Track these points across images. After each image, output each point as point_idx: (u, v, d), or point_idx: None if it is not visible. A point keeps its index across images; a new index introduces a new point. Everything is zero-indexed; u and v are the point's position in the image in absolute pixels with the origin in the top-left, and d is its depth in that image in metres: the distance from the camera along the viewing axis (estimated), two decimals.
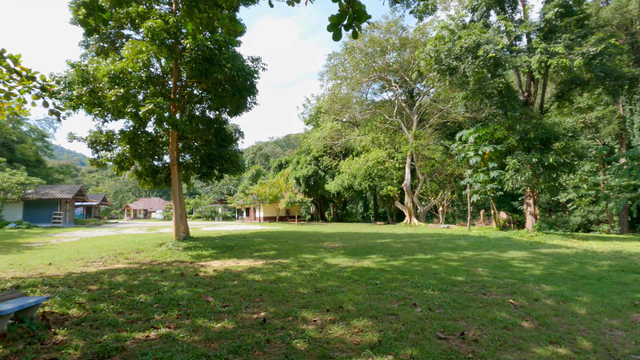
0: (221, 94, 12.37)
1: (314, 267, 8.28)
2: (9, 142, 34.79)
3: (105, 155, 13.24)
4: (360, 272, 7.52)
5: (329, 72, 36.76)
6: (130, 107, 10.12)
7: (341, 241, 14.75)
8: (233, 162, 16.49)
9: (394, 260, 9.32)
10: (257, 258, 10.12)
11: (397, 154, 33.81)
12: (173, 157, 13.23)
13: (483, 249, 11.67)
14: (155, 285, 6.32)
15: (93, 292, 5.89)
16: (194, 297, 5.41)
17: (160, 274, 7.59)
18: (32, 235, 19.99)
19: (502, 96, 17.93)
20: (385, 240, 14.70)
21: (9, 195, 27.40)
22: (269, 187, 39.21)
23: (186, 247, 12.14)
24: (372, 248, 12.09)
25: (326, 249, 11.94)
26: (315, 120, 50.26)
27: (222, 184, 75.95)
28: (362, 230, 23.58)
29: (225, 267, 8.49)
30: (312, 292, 5.76)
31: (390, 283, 6.42)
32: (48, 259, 10.23)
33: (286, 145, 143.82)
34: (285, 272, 7.59)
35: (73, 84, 10.74)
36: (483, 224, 23.40)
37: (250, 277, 7.09)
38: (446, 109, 31.81)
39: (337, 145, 38.93)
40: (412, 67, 35.67)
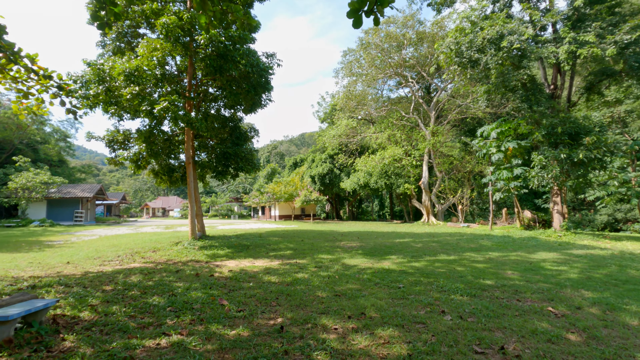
0: (236, 91, 12.19)
1: (332, 268, 7.96)
2: (33, 142, 35.91)
3: (122, 154, 13.27)
4: (380, 274, 7.16)
5: (344, 68, 36.28)
6: (145, 105, 10.04)
7: (358, 240, 14.38)
8: (248, 161, 16.34)
9: (415, 261, 8.90)
10: (273, 258, 9.89)
11: (414, 151, 33.09)
12: (188, 156, 13.15)
13: (509, 250, 11.08)
14: (170, 287, 6.14)
15: (107, 293, 5.75)
16: (208, 300, 5.18)
17: (175, 274, 7.43)
18: (54, 234, 20.44)
19: (526, 89, 17.10)
20: (404, 240, 14.24)
21: (33, 194, 28.23)
22: (284, 185, 39.13)
23: (202, 246, 12.03)
24: (391, 248, 11.68)
25: (343, 249, 11.61)
26: (331, 118, 49.88)
27: (237, 182, 76.59)
28: (379, 229, 23.12)
29: (240, 268, 8.28)
30: (331, 296, 5.44)
31: (414, 287, 6.03)
32: (67, 258, 10.28)
33: (301, 144, 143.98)
34: (302, 274, 7.30)
35: (89, 83, 10.75)
36: (505, 223, 22.54)
37: (266, 279, 6.84)
38: (465, 105, 30.89)
39: (353, 143, 38.45)
40: (429, 62, 34.83)
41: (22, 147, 34.96)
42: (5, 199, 27.68)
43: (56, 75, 7.68)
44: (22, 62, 7.19)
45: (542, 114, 16.29)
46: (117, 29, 13.32)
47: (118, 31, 13.33)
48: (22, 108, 8.24)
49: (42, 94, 7.85)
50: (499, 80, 15.71)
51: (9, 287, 6.31)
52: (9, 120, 32.15)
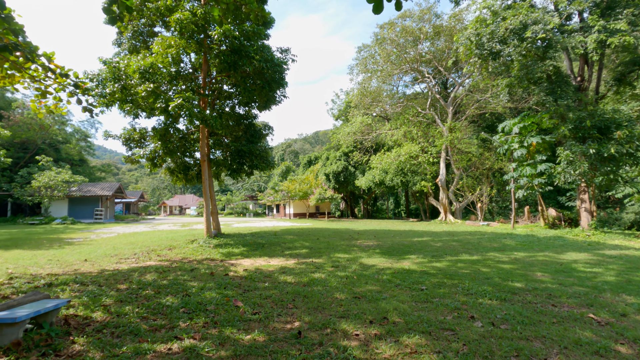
0: (250, 88, 12.03)
1: (350, 268, 7.69)
2: (55, 142, 36.97)
3: (138, 152, 13.33)
4: (401, 274, 6.84)
5: (359, 65, 35.81)
6: (160, 103, 9.98)
7: (375, 239, 14.04)
8: (263, 158, 16.21)
9: (436, 261, 8.52)
10: (288, 257, 9.68)
11: (430, 148, 32.37)
12: (203, 153, 13.10)
13: (535, 250, 10.54)
14: (184, 286, 6.00)
15: (121, 292, 5.65)
16: (223, 301, 4.99)
17: (190, 273, 7.31)
18: (74, 231, 20.89)
19: (551, 82, 16.31)
20: (423, 239, 13.82)
21: (55, 192, 28.99)
22: (298, 183, 39.02)
23: (217, 245, 11.95)
24: (409, 247, 11.31)
25: (360, 248, 11.31)
26: (345, 115, 49.45)
27: (252, 180, 77.09)
28: (396, 227, 22.67)
29: (255, 267, 8.10)
30: (350, 298, 5.17)
31: (438, 289, 5.69)
32: (85, 255, 10.36)
33: (315, 142, 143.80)
34: (319, 274, 7.05)
35: (106, 82, 10.78)
36: (528, 222, 21.72)
37: (282, 279, 6.62)
38: (484, 100, 29.95)
39: (368, 140, 37.95)
40: (446, 57, 33.98)
41: (44, 147, 36.03)
42: (29, 197, 28.53)
43: (72, 73, 7.65)
44: (39, 60, 7.18)
45: (568, 107, 15.50)
46: (133, 27, 13.36)
47: (134, 29, 13.36)
48: (40, 107, 8.27)
49: (60, 92, 7.85)
50: (522, 72, 15.01)
51: (26, 284, 6.31)
52: (32, 121, 33.13)
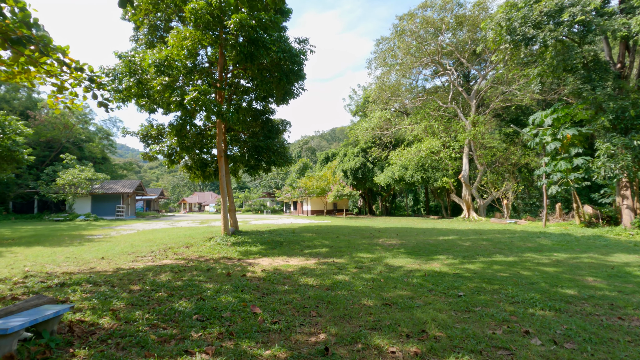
0: (267, 80, 11.59)
1: (375, 269, 7.13)
2: (78, 141, 37.91)
3: (154, 147, 13.16)
4: (432, 278, 6.24)
5: (378, 58, 34.89)
6: (175, 97, 9.68)
7: (398, 238, 13.40)
8: (280, 154, 15.81)
9: (468, 262, 7.86)
10: (308, 256, 9.21)
11: (453, 143, 31.21)
12: (220, 149, 12.79)
13: (577, 251, 9.67)
14: (199, 288, 5.61)
15: (133, 294, 5.31)
16: (240, 307, 4.55)
17: (206, 273, 6.94)
18: (96, 228, 21.16)
19: (588, 69, 15.12)
20: (449, 238, 13.08)
21: (78, 190, 29.64)
22: (316, 180, 38.57)
23: (234, 243, 11.63)
24: (436, 247, 10.64)
25: (383, 247, 10.72)
26: (363, 111, 48.59)
27: (270, 177, 77.29)
28: (417, 225, 21.88)
29: (274, 267, 7.67)
30: (379, 305, 4.63)
31: (477, 295, 5.08)
32: (102, 253, 10.23)
33: (332, 139, 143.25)
34: (342, 275, 6.54)
35: (122, 77, 10.58)
36: (560, 220, 20.49)
37: (303, 281, 6.14)
38: (510, 92, 28.55)
39: (387, 136, 37.05)
40: (468, 48, 32.68)
41: (68, 146, 36.99)
42: (54, 194, 29.27)
43: (87, 67, 7.40)
44: (54, 54, 6.94)
45: (608, 95, 14.31)
46: (149, 22, 13.15)
47: (150, 24, 13.15)
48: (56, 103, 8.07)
49: (76, 88, 7.63)
50: (557, 59, 13.91)
51: (39, 284, 6.09)
52: (56, 120, 34.01)
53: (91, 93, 7.44)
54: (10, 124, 14.41)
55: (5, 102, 34.97)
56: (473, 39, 32.32)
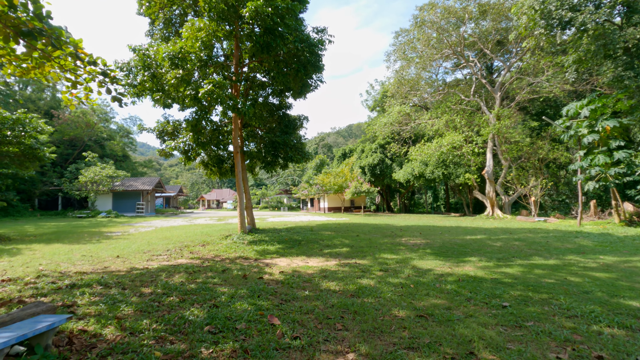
0: (284, 72, 11.10)
1: (402, 273, 6.55)
2: (100, 139, 38.71)
3: (170, 144, 12.93)
4: (468, 283, 5.62)
5: (397, 51, 33.89)
6: (189, 90, 9.33)
7: (421, 237, 12.72)
8: (298, 150, 15.35)
9: (505, 266, 7.16)
10: (328, 256, 8.71)
11: (475, 138, 29.95)
12: (236, 145, 12.42)
13: (625, 253, 8.77)
14: (213, 293, 5.20)
15: (143, 298, 4.95)
16: (256, 317, 4.09)
17: (221, 275, 6.55)
18: (116, 225, 21.35)
19: (630, 55, 13.90)
20: (477, 237, 12.30)
21: (100, 187, 30.17)
22: (333, 176, 38.01)
23: (251, 241, 11.26)
24: (464, 247, 9.93)
25: (408, 247, 10.10)
26: (381, 106, 47.61)
27: (287, 174, 77.27)
28: (440, 223, 21.03)
29: (293, 268, 7.20)
30: (413, 317, 4.08)
31: (525, 306, 4.44)
32: (119, 251, 10.05)
33: (348, 135, 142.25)
34: (366, 279, 6.00)
35: (137, 72, 10.33)
36: (594, 218, 19.21)
37: (325, 285, 5.64)
38: (538, 83, 27.08)
39: (406, 131, 36.04)
40: (492, 39, 31.30)
41: (91, 144, 37.80)
42: (76, 191, 29.90)
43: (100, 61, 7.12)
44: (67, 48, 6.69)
45: None
46: (164, 15, 12.89)
47: (165, 17, 12.89)
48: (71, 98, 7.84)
49: (90, 82, 7.39)
50: (597, 44, 12.80)
51: (50, 285, 5.84)
52: (78, 119, 34.75)
53: (105, 88, 7.19)
54: (31, 122, 14.49)
55: (31, 102, 36.00)
56: (497, 28, 30.89)
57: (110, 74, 7.38)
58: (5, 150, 14.89)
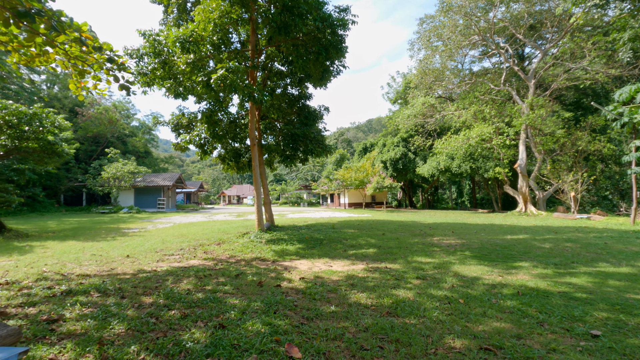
0: (304, 55, 10.15)
1: (444, 281, 5.54)
2: (122, 136, 39.19)
3: (185, 137, 12.30)
4: (532, 298, 4.55)
5: (421, 39, 32.27)
6: (201, 76, 8.57)
7: (455, 236, 11.57)
8: (318, 142, 14.46)
9: (567, 274, 6.00)
10: (353, 259, 7.78)
11: (507, 129, 28.06)
12: (253, 137, 11.64)
13: None
14: (221, 306, 4.38)
15: (141, 311, 4.20)
16: (271, 344, 3.22)
17: (234, 281, 5.75)
18: (136, 221, 21.20)
19: None
20: (519, 237, 11.02)
21: (122, 183, 30.38)
22: (354, 171, 36.91)
23: (269, 240, 10.48)
24: (508, 249, 8.75)
25: (442, 248, 9.01)
26: (403, 98, 45.99)
27: (306, 170, 76.67)
28: (470, 220, 19.65)
29: (315, 273, 6.32)
30: (475, 350, 3.09)
31: (624, 336, 3.36)
32: (131, 249, 9.51)
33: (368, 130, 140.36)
34: (403, 290, 5.03)
35: (151, 62, 9.68)
36: None
37: (354, 297, 4.72)
38: (578, 68, 24.91)
39: (430, 123, 34.38)
40: (524, 24, 29.19)
41: (113, 140, 38.31)
42: (99, 187, 30.24)
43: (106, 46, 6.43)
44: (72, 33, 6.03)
45: None
46: (177, 2, 12.21)
47: (178, 3, 12.21)
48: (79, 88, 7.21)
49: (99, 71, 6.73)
50: None
51: (44, 291, 5.21)
52: (101, 116, 35.18)
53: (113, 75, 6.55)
54: (48, 117, 14.24)
55: (57, 100, 36.76)
56: (531, 12, 28.76)
57: (117, 60, 6.70)
58: (25, 145, 14.75)
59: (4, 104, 13.06)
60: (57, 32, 5.91)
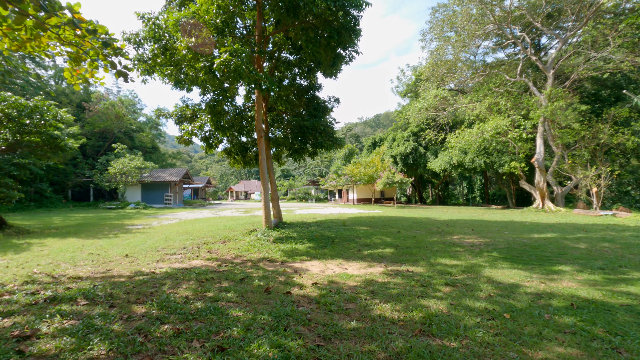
0: (314, 40, 9.40)
1: (478, 289, 4.82)
2: (129, 131, 38.95)
3: (187, 127, 11.68)
4: (590, 313, 3.80)
5: (434, 28, 31.14)
6: (203, 62, 7.90)
7: (476, 234, 10.78)
8: (328, 135, 13.74)
9: (621, 281, 5.22)
10: (370, 260, 7.09)
11: (523, 122, 26.92)
12: (260, 129, 10.97)
13: None
14: (222, 320, 3.74)
15: (129, 326, 3.59)
16: None
17: (238, 287, 5.11)
18: (142, 217, 20.79)
19: None
20: (546, 236, 10.18)
21: (129, 178, 30.08)
22: (363, 166, 36.09)
23: (277, 238, 9.84)
24: (539, 249, 7.96)
25: (466, 248, 8.26)
26: (414, 91, 44.91)
27: (314, 165, 76.00)
28: (486, 216, 18.78)
29: (329, 278, 5.65)
30: None
31: None
32: (131, 248, 8.97)
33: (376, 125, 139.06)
34: (433, 301, 4.32)
35: (146, 43, 9.04)
36: None
37: (377, 309, 4.04)
38: (599, 57, 23.65)
39: (442, 117, 33.32)
40: (542, 12, 27.89)
41: (120, 136, 38.08)
42: (106, 183, 30.00)
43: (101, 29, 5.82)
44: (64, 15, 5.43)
45: None
46: None
47: None
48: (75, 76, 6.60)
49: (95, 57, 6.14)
50: None
51: (27, 297, 4.64)
52: (108, 111, 34.90)
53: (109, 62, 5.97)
54: (49, 110, 13.76)
55: (64, 96, 36.61)
56: None
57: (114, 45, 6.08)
58: (27, 140, 14.33)
59: (3, 96, 12.61)
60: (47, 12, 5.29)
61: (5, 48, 5.89)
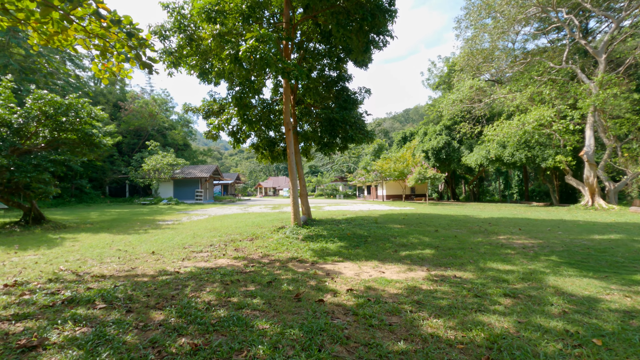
0: (345, 24, 8.73)
1: (546, 302, 4.03)
2: (162, 129, 40.07)
3: (213, 121, 11.42)
4: None
5: (469, 15, 29.38)
6: (229, 49, 7.48)
7: (525, 234, 9.74)
8: (359, 128, 13.06)
9: None
10: (409, 263, 6.40)
11: (570, 112, 24.76)
12: (288, 123, 10.49)
13: None
14: (246, 334, 3.24)
15: (143, 337, 3.17)
16: None
17: (266, 291, 4.63)
18: (173, 212, 21.09)
19: None
20: (609, 237, 8.99)
21: (161, 175, 30.84)
22: (393, 162, 34.95)
23: (307, 236, 9.33)
24: (607, 253, 6.91)
25: (517, 251, 7.34)
26: (447, 82, 42.96)
27: (342, 161, 75.24)
28: (530, 214, 17.35)
29: (365, 283, 5.04)
30: None
31: None
32: (159, 244, 8.81)
33: (405, 120, 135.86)
34: (494, 317, 3.60)
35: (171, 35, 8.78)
36: None
37: (426, 326, 3.38)
38: None
39: (478, 108, 31.48)
40: None
41: (154, 133, 39.25)
42: (141, 179, 30.93)
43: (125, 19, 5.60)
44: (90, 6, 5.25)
45: None
46: None
47: None
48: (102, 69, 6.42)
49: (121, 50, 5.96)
50: None
51: (45, 298, 4.39)
52: (142, 110, 36.00)
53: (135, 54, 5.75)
54: (84, 107, 14.01)
55: (102, 96, 38.18)
56: None
57: (137, 35, 5.81)
58: (64, 137, 14.72)
59: (40, 94, 12.94)
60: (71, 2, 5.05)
61: (35, 43, 5.73)
